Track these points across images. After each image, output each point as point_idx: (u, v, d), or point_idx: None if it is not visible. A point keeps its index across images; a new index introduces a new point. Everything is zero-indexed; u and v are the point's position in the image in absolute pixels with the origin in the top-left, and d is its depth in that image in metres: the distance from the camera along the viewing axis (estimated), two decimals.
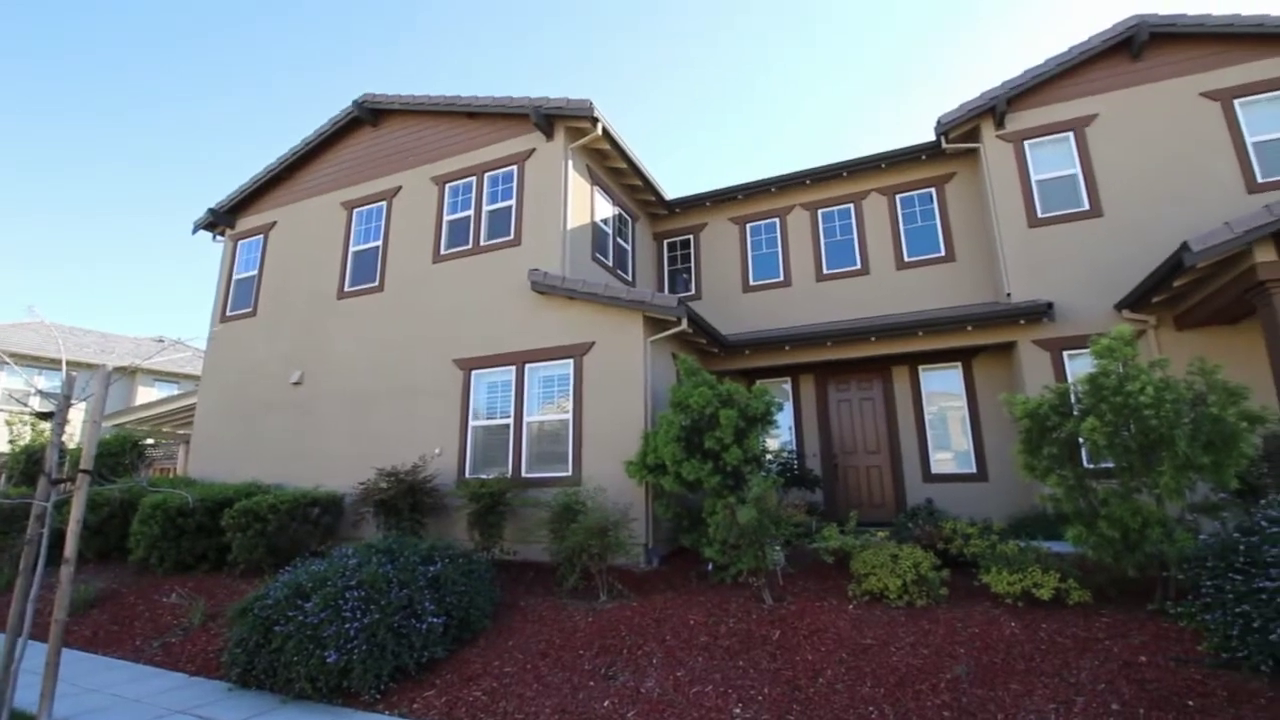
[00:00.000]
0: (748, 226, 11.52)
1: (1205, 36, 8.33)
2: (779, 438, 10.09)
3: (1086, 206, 8.52)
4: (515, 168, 9.44)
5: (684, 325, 7.80)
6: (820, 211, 11.01)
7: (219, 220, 12.07)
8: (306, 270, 10.85)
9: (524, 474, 8.02)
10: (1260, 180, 7.80)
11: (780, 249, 11.15)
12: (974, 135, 9.48)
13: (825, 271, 10.71)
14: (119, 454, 11.22)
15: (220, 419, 10.75)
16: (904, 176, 10.50)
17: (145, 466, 12.93)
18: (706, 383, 6.83)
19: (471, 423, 8.58)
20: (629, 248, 11.08)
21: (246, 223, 12.06)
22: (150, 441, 15.33)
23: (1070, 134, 8.82)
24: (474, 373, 8.78)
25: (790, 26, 52.08)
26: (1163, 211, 7.97)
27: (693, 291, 11.62)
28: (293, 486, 8.81)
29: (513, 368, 8.51)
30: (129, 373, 21.40)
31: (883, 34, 53.09)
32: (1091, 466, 5.23)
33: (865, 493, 9.64)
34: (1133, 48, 8.60)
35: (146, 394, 21.84)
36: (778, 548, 5.84)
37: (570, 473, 7.72)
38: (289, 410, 10.03)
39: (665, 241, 12.22)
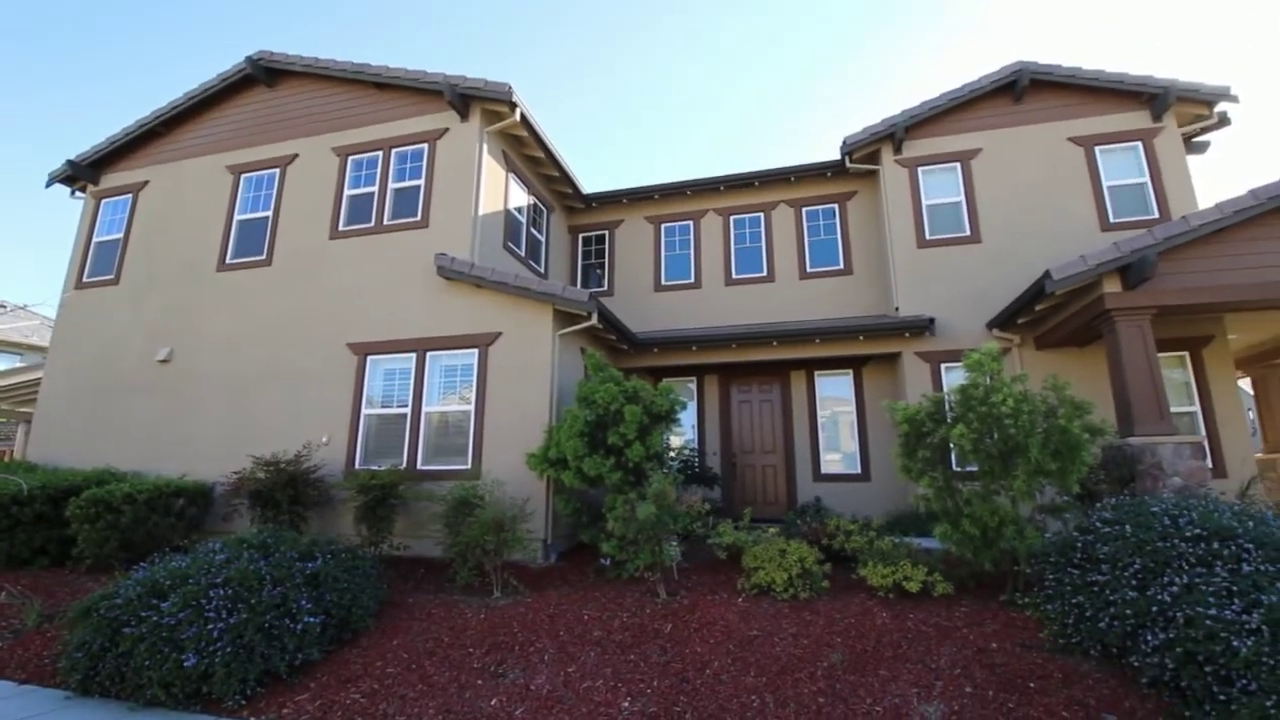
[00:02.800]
0: (662, 227, 11.67)
1: (1076, 87, 9.29)
2: (683, 435, 10.30)
3: (968, 232, 9.29)
4: (426, 146, 9.03)
5: (594, 320, 7.77)
6: (732, 218, 11.33)
7: (79, 174, 10.72)
8: (182, 237, 9.87)
9: (420, 466, 7.70)
10: (1112, 220, 8.81)
11: (693, 251, 11.37)
12: (875, 158, 10.09)
13: (734, 276, 11.04)
14: None
15: (70, 397, 9.55)
16: (811, 191, 11.00)
17: None
18: (613, 379, 6.85)
19: (365, 411, 8.13)
20: (543, 239, 10.90)
21: (113, 179, 10.80)
22: None
23: (958, 165, 9.58)
24: (370, 358, 8.32)
25: (702, 34, 53.24)
26: (1031, 242, 8.83)
27: (605, 288, 11.62)
28: (155, 475, 8.01)
29: (413, 355, 8.14)
30: None
31: (789, 47, 55.37)
32: (959, 470, 5.70)
33: (760, 491, 10.03)
34: (1015, 91, 9.45)
35: None
36: (674, 543, 5.94)
37: (469, 466, 7.49)
38: (154, 391, 9.08)
39: (580, 235, 12.13)
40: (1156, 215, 8.66)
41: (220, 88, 10.35)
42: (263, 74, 10.10)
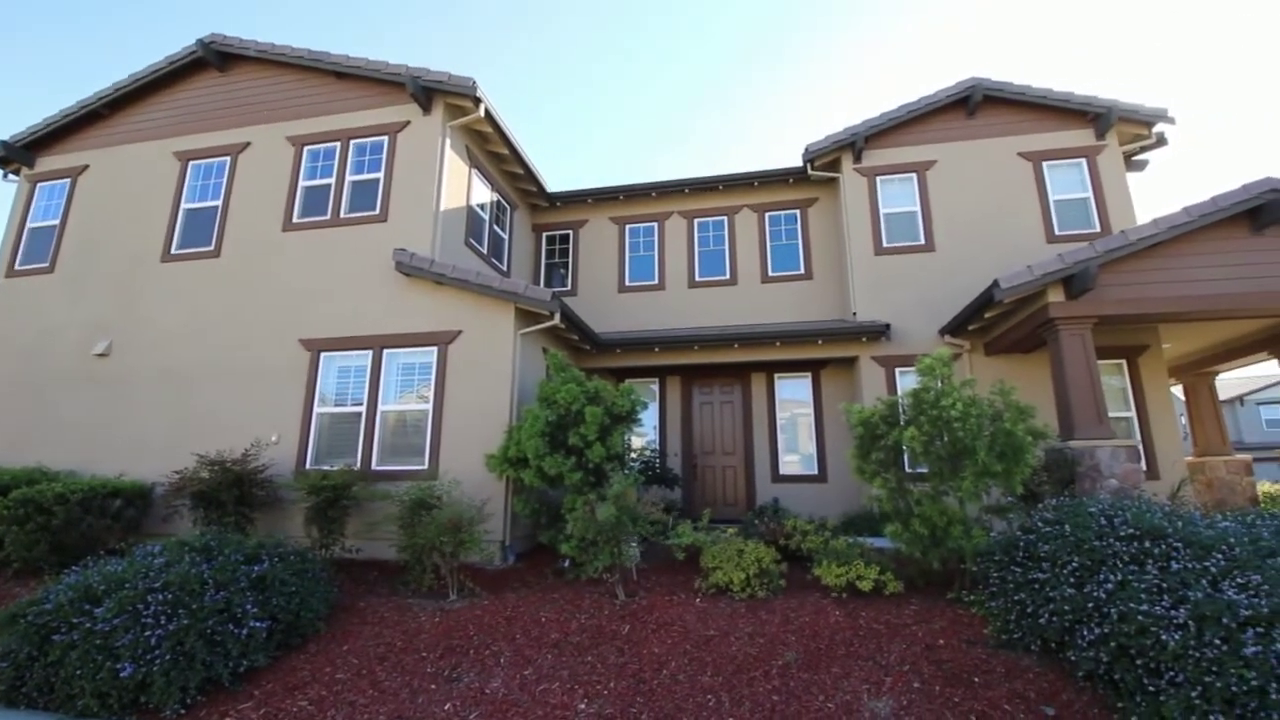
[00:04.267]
0: (627, 228, 11.67)
1: (1026, 104, 9.66)
2: (645, 436, 10.31)
3: (923, 241, 9.56)
4: (386, 138, 8.84)
5: (557, 320, 7.72)
6: (696, 221, 11.41)
7: (13, 156, 10.13)
8: (124, 225, 9.42)
9: (374, 466, 7.51)
10: (1057, 232, 9.19)
11: (657, 253, 11.41)
12: (836, 166, 10.30)
13: (697, 279, 11.12)
14: None
15: None
16: (773, 196, 11.16)
17: None
18: (575, 379, 6.82)
19: (317, 409, 7.90)
20: (506, 236, 10.79)
21: (50, 163, 10.24)
22: None
23: (914, 175, 9.85)
24: (323, 355, 8.09)
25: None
26: (982, 252, 9.13)
27: (569, 287, 11.56)
28: (90, 474, 7.64)
29: (369, 352, 7.95)
30: None
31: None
32: (911, 471, 5.86)
33: (720, 491, 10.13)
34: (969, 106, 9.77)
35: None
36: (634, 544, 5.95)
37: (426, 466, 7.35)
38: (91, 386, 8.64)
39: (544, 234, 12.05)
40: (1098, 229, 9.06)
41: (168, 70, 9.93)
42: (214, 58, 9.73)
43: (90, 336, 8.88)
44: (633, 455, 8.48)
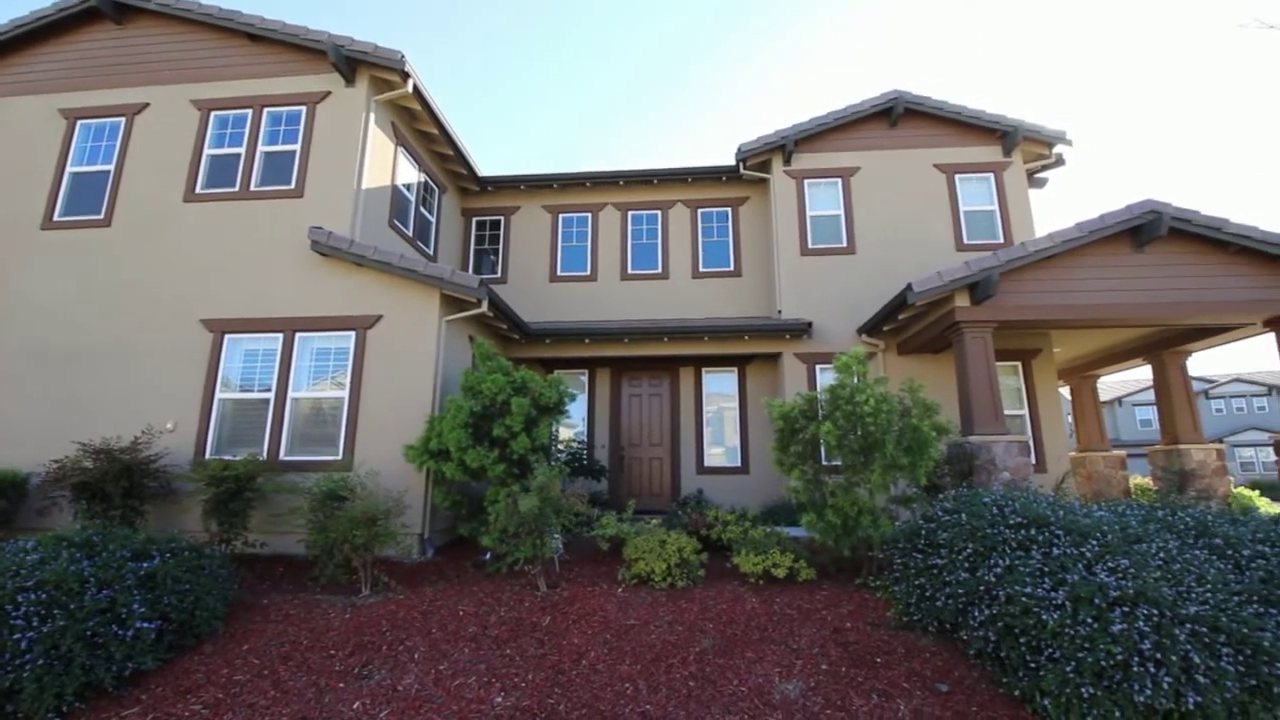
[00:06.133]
0: (560, 217, 11.54)
1: (942, 119, 10.21)
2: (574, 428, 10.28)
3: (845, 244, 9.96)
4: (304, 109, 8.33)
5: (484, 308, 7.54)
6: (630, 213, 11.42)
7: None
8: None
9: (284, 456, 7.12)
10: (966, 241, 9.78)
11: (590, 244, 11.34)
12: (766, 167, 10.56)
13: (630, 271, 11.14)
14: None
15: None
16: (706, 193, 11.32)
17: None
18: (502, 369, 6.70)
19: (219, 394, 7.39)
20: (433, 219, 10.43)
21: None
22: None
23: (839, 180, 10.24)
24: (228, 336, 7.57)
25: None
26: (898, 257, 9.61)
27: (498, 275, 11.33)
28: None
29: (280, 335, 7.51)
30: None
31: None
32: (826, 464, 6.11)
33: (646, 483, 10.22)
34: (891, 117, 10.23)
35: None
36: (557, 536, 5.92)
37: (340, 457, 7.03)
38: None
39: (475, 219, 11.73)
40: (1002, 240, 9.72)
41: (56, 18, 8.95)
42: (109, 8, 8.86)
43: None
44: (559, 447, 8.42)
